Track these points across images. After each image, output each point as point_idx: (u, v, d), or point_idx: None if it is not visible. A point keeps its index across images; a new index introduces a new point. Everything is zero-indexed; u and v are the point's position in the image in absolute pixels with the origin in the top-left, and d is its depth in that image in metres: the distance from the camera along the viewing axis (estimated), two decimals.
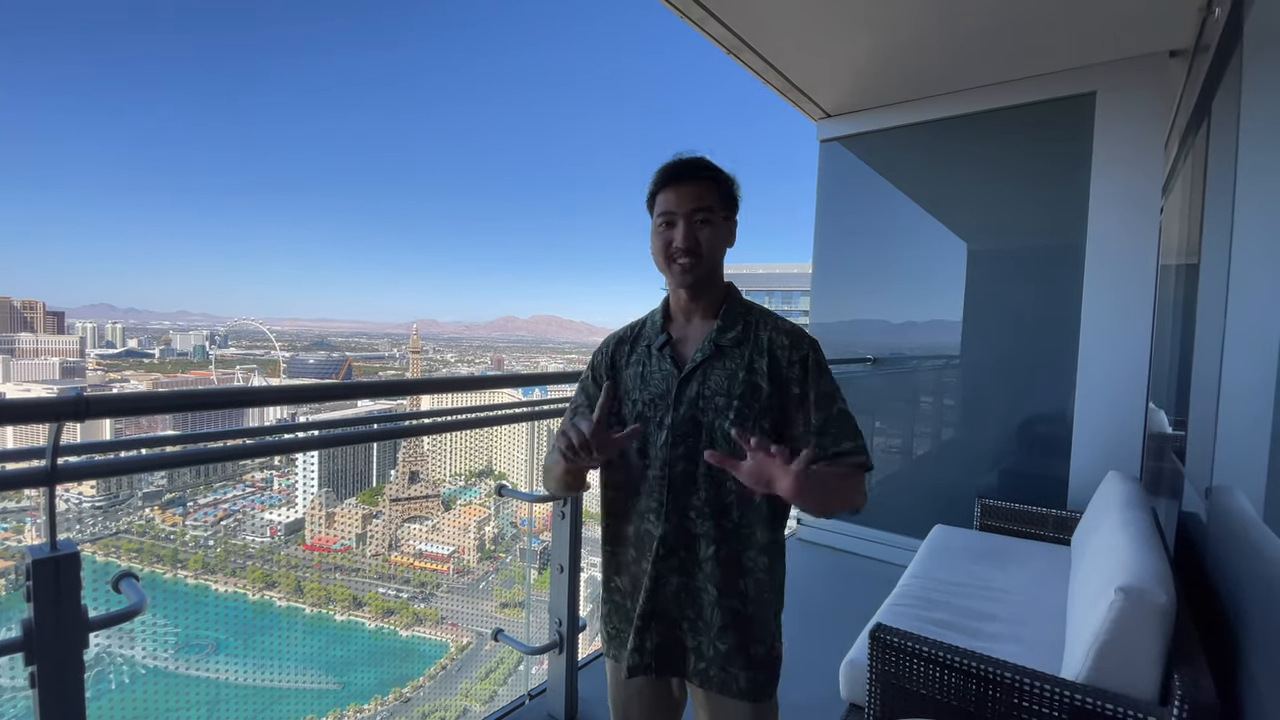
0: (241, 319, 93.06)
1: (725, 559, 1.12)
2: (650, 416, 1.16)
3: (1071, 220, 3.08)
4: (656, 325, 1.23)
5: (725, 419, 1.10)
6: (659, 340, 1.20)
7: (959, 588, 2.22)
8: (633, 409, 1.19)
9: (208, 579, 11.42)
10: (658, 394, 1.16)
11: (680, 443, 1.13)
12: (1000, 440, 3.45)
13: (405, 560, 13.24)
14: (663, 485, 1.13)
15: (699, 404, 1.13)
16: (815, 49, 3.08)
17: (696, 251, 1.12)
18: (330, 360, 44.31)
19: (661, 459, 1.14)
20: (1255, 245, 1.61)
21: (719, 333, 1.16)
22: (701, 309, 1.20)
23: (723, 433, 1.10)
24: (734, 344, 1.15)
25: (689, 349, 1.18)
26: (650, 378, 1.18)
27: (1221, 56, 2.16)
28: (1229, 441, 1.73)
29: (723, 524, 1.12)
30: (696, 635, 1.14)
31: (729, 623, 1.12)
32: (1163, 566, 1.47)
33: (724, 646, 1.12)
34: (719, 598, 1.12)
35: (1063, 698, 1.33)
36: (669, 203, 1.13)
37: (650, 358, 1.20)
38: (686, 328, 1.21)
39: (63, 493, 4.42)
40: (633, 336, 1.27)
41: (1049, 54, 2.98)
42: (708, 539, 1.12)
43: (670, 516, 1.13)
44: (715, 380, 1.13)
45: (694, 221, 1.12)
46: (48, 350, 38.75)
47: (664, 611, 1.15)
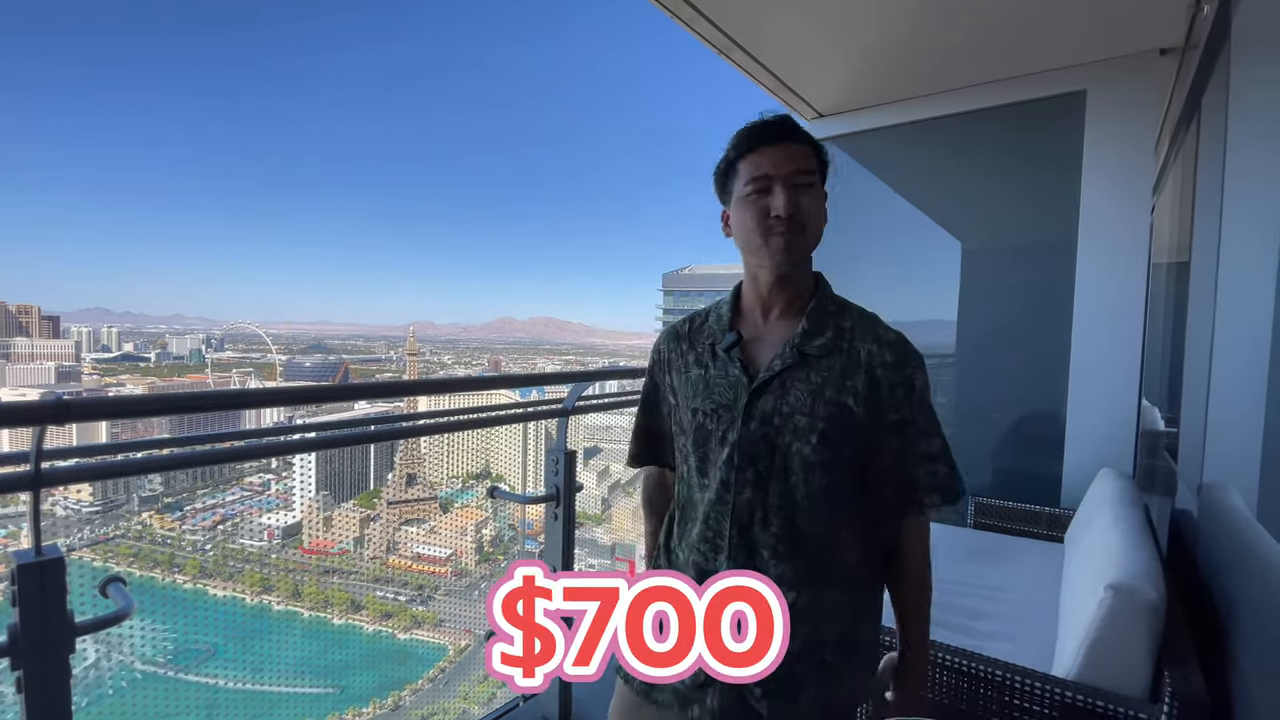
0: (237, 322, 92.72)
1: (805, 608, 0.92)
2: (713, 430, 0.97)
3: (1063, 218, 3.09)
4: (723, 320, 1.03)
5: (807, 442, 0.91)
6: (726, 340, 0.99)
7: (952, 586, 2.22)
8: (692, 418, 1.00)
9: (204, 583, 11.40)
10: (723, 404, 0.96)
11: (749, 464, 0.93)
12: (993, 438, 3.46)
13: (403, 563, 13.23)
14: (723, 514, 0.95)
15: (774, 422, 0.93)
16: (806, 49, 3.09)
17: (801, 220, 0.94)
18: (327, 363, 44.26)
19: (720, 479, 0.95)
20: (1244, 242, 1.62)
21: (804, 337, 0.95)
22: (784, 303, 1.00)
23: (801, 460, 0.92)
24: (823, 353, 0.94)
25: (765, 353, 0.98)
26: (715, 384, 0.98)
27: (1210, 54, 2.17)
28: (1220, 438, 1.73)
29: (798, 566, 0.93)
30: (773, 701, 0.93)
31: (818, 674, 0.94)
32: (1153, 564, 1.47)
33: (808, 702, 0.94)
34: (801, 652, 0.92)
35: (1054, 695, 1.34)
36: (762, 165, 0.93)
37: (714, 359, 1.00)
38: (763, 326, 1.01)
39: (60, 498, 4.42)
40: (691, 331, 1.07)
41: (1039, 53, 2.99)
42: (784, 584, 0.90)
43: (735, 554, 0.94)
44: (796, 395, 0.93)
45: (795, 185, 0.93)
46: (43, 355, 38.61)
47: None
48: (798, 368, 0.94)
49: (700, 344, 1.04)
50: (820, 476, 0.92)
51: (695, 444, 0.99)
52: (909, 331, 1.01)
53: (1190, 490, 2.04)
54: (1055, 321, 3.11)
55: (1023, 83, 3.19)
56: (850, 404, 0.92)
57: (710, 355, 1.01)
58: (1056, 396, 3.10)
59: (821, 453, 0.91)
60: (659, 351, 1.11)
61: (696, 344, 1.05)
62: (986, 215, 3.58)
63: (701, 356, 1.03)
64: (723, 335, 1.01)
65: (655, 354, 1.13)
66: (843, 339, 0.96)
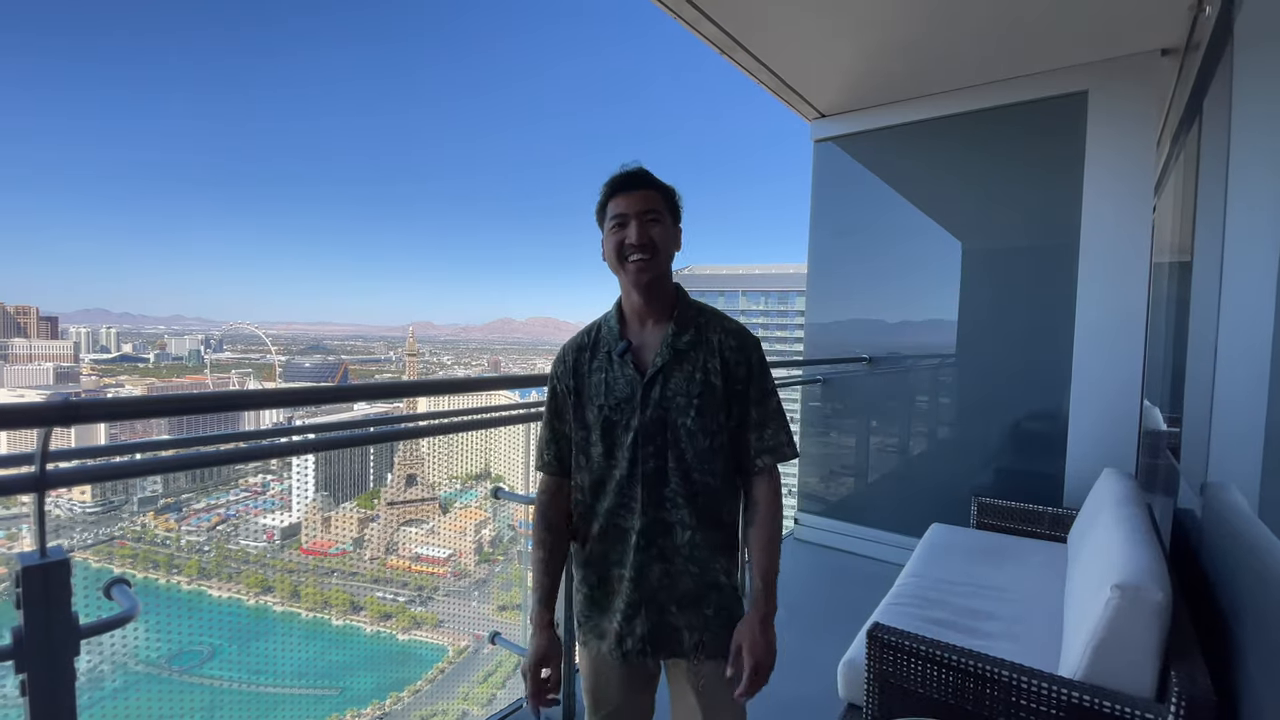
0: (236, 323, 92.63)
1: (701, 541, 1.22)
2: (617, 420, 1.23)
3: (1065, 219, 3.09)
4: (614, 332, 1.28)
5: (688, 416, 1.21)
6: (620, 347, 1.25)
7: (956, 586, 2.22)
8: (598, 414, 1.25)
9: (204, 584, 11.37)
10: (623, 398, 1.23)
11: (649, 441, 1.21)
12: (996, 438, 3.46)
13: (403, 564, 13.20)
14: (634, 482, 1.22)
15: (663, 404, 1.21)
16: (809, 49, 3.09)
17: (650, 246, 1.20)
18: (326, 364, 44.21)
19: (629, 458, 1.22)
20: (1248, 241, 1.62)
21: (674, 337, 1.24)
22: (655, 312, 1.27)
23: (686, 430, 1.20)
24: (689, 347, 1.24)
25: (648, 354, 1.25)
26: (614, 383, 1.24)
27: (1213, 55, 2.17)
28: (1223, 437, 1.73)
29: (695, 510, 1.21)
30: (685, 613, 1.23)
31: (713, 594, 1.23)
32: (1158, 563, 1.47)
33: (711, 611, 1.23)
34: (701, 575, 1.22)
35: (1060, 696, 1.33)
36: (620, 206, 1.21)
37: (612, 364, 1.26)
38: (643, 333, 1.27)
39: (59, 499, 4.42)
40: (592, 344, 1.31)
41: (1041, 53, 2.99)
42: (683, 525, 1.21)
43: (647, 510, 1.21)
44: (675, 382, 1.22)
45: (645, 221, 1.20)
46: (42, 355, 38.56)
47: (651, 599, 1.23)
48: (674, 361, 1.23)
49: (599, 352, 1.29)
50: (701, 440, 1.21)
51: (604, 434, 1.24)
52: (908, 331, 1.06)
53: (1193, 489, 2.04)
54: (1057, 321, 3.11)
55: (1024, 83, 3.19)
56: (714, 381, 1.22)
57: (608, 360, 1.27)
58: (1058, 396, 3.10)
59: (699, 421, 1.21)
60: (564, 361, 1.31)
61: (597, 353, 1.29)
62: (988, 215, 3.58)
63: (602, 362, 1.27)
64: (616, 343, 1.26)
65: (560, 364, 1.32)
66: (701, 333, 1.25)
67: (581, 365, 1.29)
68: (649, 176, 1.25)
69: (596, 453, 1.25)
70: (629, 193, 1.22)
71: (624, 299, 1.30)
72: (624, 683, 1.32)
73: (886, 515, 3.87)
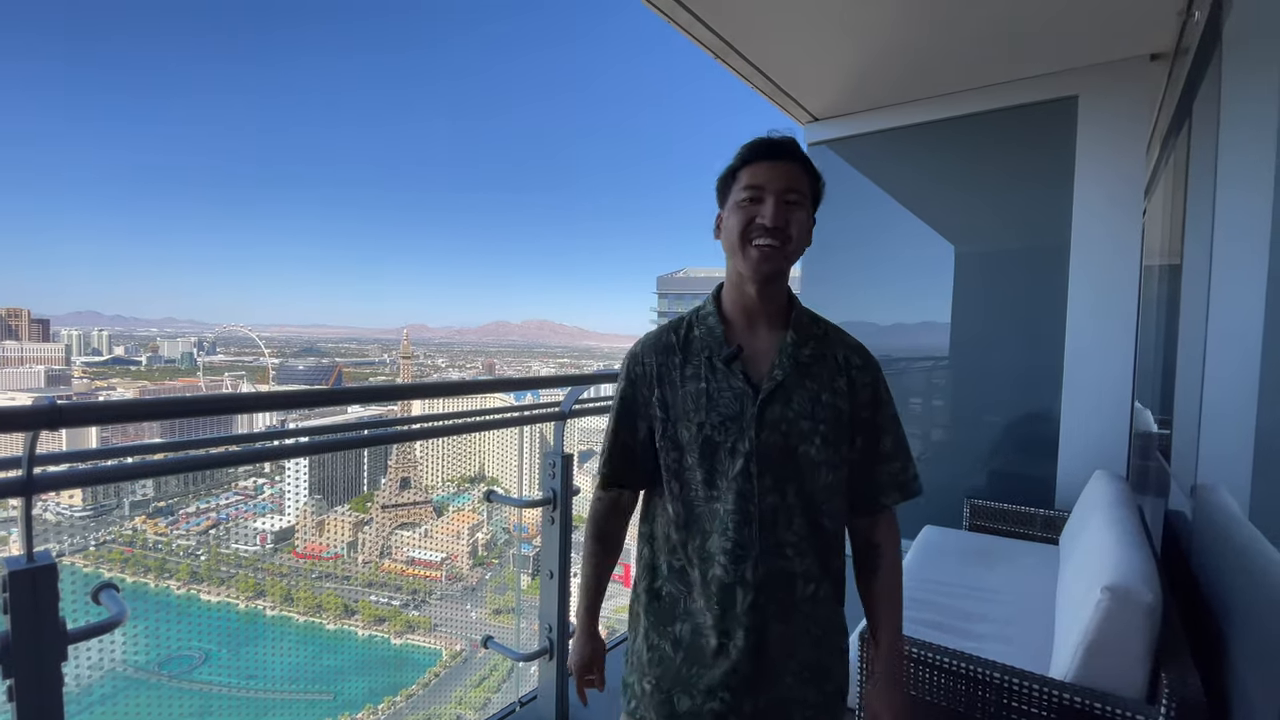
0: (230, 325, 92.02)
1: (824, 596, 1.01)
2: (720, 442, 0.99)
3: (1056, 222, 3.11)
4: (716, 334, 1.04)
5: (812, 444, 0.99)
6: (726, 352, 1.02)
7: (948, 588, 2.23)
8: (695, 433, 1.00)
9: (196, 588, 11.30)
10: (729, 415, 0.99)
11: (767, 472, 0.97)
12: (988, 440, 3.47)
13: (397, 567, 13.16)
14: (745, 521, 0.98)
15: (782, 428, 0.98)
16: (802, 53, 3.10)
17: (786, 233, 0.98)
18: (320, 366, 44.04)
19: (737, 490, 0.98)
20: (1237, 244, 1.63)
21: (795, 348, 1.02)
22: (769, 313, 1.05)
23: (809, 461, 0.99)
24: (812, 361, 1.02)
25: (761, 363, 1.02)
26: (718, 396, 1.00)
27: (1201, 60, 2.19)
28: (1213, 440, 1.74)
29: (819, 557, 1.01)
30: (805, 686, 1.00)
31: (836, 661, 1.03)
32: (1149, 565, 1.48)
33: (830, 688, 1.02)
34: (823, 638, 1.01)
35: (1051, 697, 1.34)
36: (759, 176, 0.99)
37: (714, 372, 1.02)
38: (753, 337, 1.04)
39: (50, 503, 4.39)
40: (682, 344, 1.07)
41: (1032, 58, 3.01)
42: (807, 577, 0.99)
43: (763, 557, 0.97)
44: (799, 402, 0.99)
45: (785, 201, 0.98)
46: (32, 358, 38.27)
47: (766, 671, 0.98)
48: (795, 376, 1.00)
49: (695, 356, 1.04)
50: (827, 474, 1.00)
51: (702, 457, 1.00)
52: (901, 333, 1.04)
53: (1184, 491, 2.05)
54: (1048, 324, 3.13)
55: (1015, 88, 3.21)
56: (841, 405, 1.01)
57: (709, 368, 1.02)
58: (1050, 399, 3.11)
59: (825, 451, 0.99)
60: (644, 365, 1.08)
61: (691, 357, 1.05)
62: (980, 219, 3.60)
63: (699, 369, 1.03)
64: (718, 347, 1.03)
65: (639, 366, 1.08)
66: (823, 346, 1.05)
67: (669, 372, 1.05)
68: (799, 149, 1.02)
69: (695, 480, 1.01)
70: (773, 162, 0.99)
71: (729, 292, 1.07)
72: None
73: None
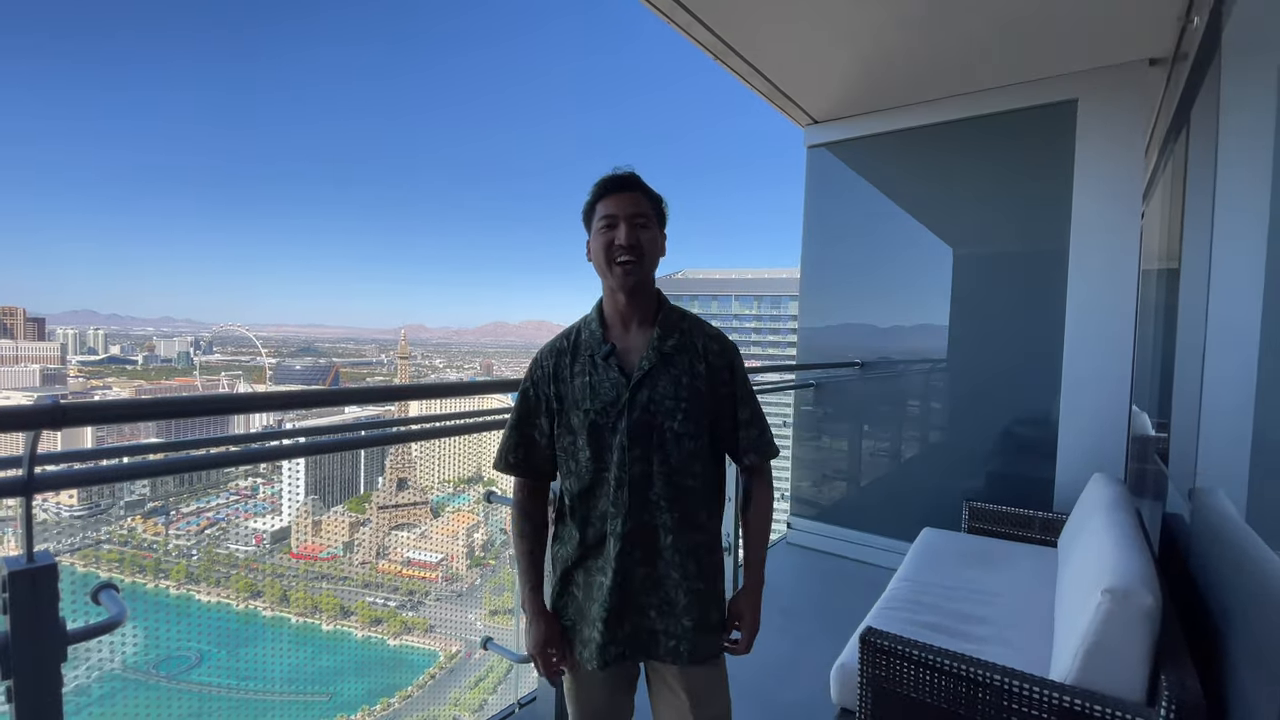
0: (227, 325, 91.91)
1: (682, 545, 1.22)
2: (603, 424, 1.22)
3: (1055, 225, 3.12)
4: (597, 335, 1.27)
5: (674, 419, 1.21)
6: (604, 350, 1.24)
7: (948, 590, 2.23)
8: (584, 418, 1.23)
9: (191, 589, 11.24)
10: (608, 401, 1.22)
11: (636, 444, 1.20)
12: (987, 443, 3.48)
13: (393, 568, 13.12)
14: (621, 485, 1.21)
15: (650, 408, 1.21)
16: (802, 55, 3.11)
17: (639, 249, 1.20)
18: (317, 366, 43.92)
19: (617, 461, 1.21)
20: (1235, 248, 1.64)
21: (660, 340, 1.24)
22: (639, 315, 1.27)
23: (673, 432, 1.21)
24: (675, 351, 1.24)
25: (633, 357, 1.24)
26: (599, 386, 1.23)
27: (1200, 65, 2.20)
28: (1211, 443, 1.75)
29: (677, 513, 1.22)
30: (665, 618, 1.23)
31: (692, 600, 1.23)
32: (1148, 568, 1.49)
33: (690, 622, 1.23)
34: (681, 580, 1.22)
35: (1051, 699, 1.34)
36: (610, 208, 1.21)
37: (596, 367, 1.24)
38: (626, 336, 1.27)
39: (43, 503, 4.37)
40: (572, 347, 1.29)
41: (1031, 62, 3.02)
42: (665, 529, 1.22)
43: (632, 513, 1.21)
44: (663, 386, 1.22)
45: (634, 225, 1.20)
46: (28, 357, 38.11)
47: (632, 601, 1.23)
48: (660, 364, 1.23)
49: (581, 356, 1.27)
50: (689, 443, 1.22)
51: (590, 438, 1.23)
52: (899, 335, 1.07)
53: (1181, 494, 2.06)
54: (1047, 327, 3.14)
55: (1015, 91, 3.23)
56: (699, 385, 1.23)
57: (591, 364, 1.25)
58: (1048, 401, 3.12)
59: (686, 425, 1.21)
60: (543, 367, 1.30)
61: (579, 356, 1.27)
62: (978, 222, 3.61)
63: (585, 366, 1.26)
64: (598, 346, 1.25)
65: (539, 369, 1.30)
66: (685, 338, 1.26)
67: (562, 370, 1.28)
68: (639, 181, 1.25)
69: (584, 458, 1.24)
70: (619, 194, 1.22)
71: (606, 302, 1.29)
72: (605, 685, 1.33)
73: (878, 519, 3.88)
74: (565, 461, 1.28)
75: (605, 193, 1.23)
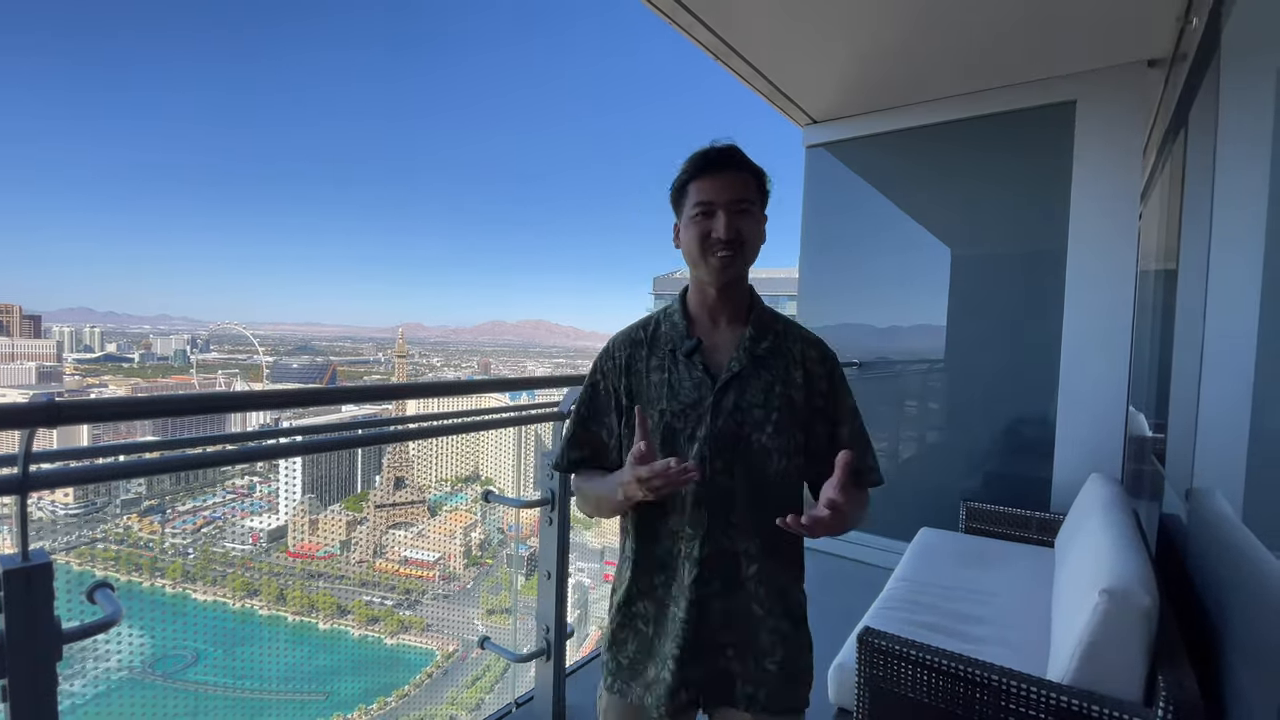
0: (224, 323, 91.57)
1: (767, 578, 1.07)
2: (680, 428, 1.07)
3: (1053, 226, 3.12)
4: (680, 329, 1.12)
5: (764, 431, 1.06)
6: (688, 345, 1.10)
7: (945, 590, 2.24)
8: (658, 420, 1.09)
9: (188, 587, 11.21)
10: (689, 404, 1.07)
11: (718, 456, 1.05)
12: (984, 443, 3.48)
13: (390, 567, 13.11)
14: (700, 502, 1.06)
15: (737, 415, 1.06)
16: (801, 56, 3.11)
17: (738, 242, 1.05)
18: (314, 365, 43.84)
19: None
20: (1233, 249, 1.64)
21: (753, 341, 1.09)
22: (729, 312, 1.12)
23: (761, 446, 1.06)
24: (769, 354, 1.09)
25: (721, 357, 1.10)
26: (679, 386, 1.09)
27: (1199, 66, 2.20)
28: (1208, 443, 1.76)
29: (762, 541, 1.06)
30: (744, 660, 1.08)
31: (777, 642, 1.08)
32: (1145, 568, 1.49)
33: (773, 667, 1.07)
34: (765, 617, 1.07)
35: (1049, 699, 1.34)
36: (707, 191, 1.05)
37: (677, 364, 1.10)
38: (713, 333, 1.12)
39: (38, 501, 4.35)
40: (649, 339, 1.15)
41: (1030, 63, 3.02)
42: (749, 557, 1.06)
43: (711, 536, 1.05)
44: (752, 392, 1.07)
45: (735, 212, 1.04)
46: (24, 355, 37.98)
47: (708, 639, 1.07)
48: (751, 367, 1.08)
49: (659, 349, 1.13)
50: (778, 460, 1.06)
51: (664, 443, 1.08)
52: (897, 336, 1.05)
53: (1178, 495, 2.07)
54: (1045, 328, 3.14)
55: (1014, 92, 3.23)
56: (794, 395, 1.08)
57: (671, 359, 1.11)
58: (1046, 402, 3.13)
59: (777, 439, 1.06)
60: (614, 359, 1.16)
61: (656, 350, 1.13)
62: (977, 222, 3.61)
63: (663, 361, 1.11)
64: (681, 341, 1.11)
65: (610, 360, 1.16)
66: (780, 340, 1.12)
67: (636, 363, 1.13)
68: (742, 156, 1.07)
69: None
70: (717, 175, 1.05)
71: (694, 294, 1.14)
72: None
73: (877, 519, 3.88)
74: None
75: (700, 172, 1.06)
